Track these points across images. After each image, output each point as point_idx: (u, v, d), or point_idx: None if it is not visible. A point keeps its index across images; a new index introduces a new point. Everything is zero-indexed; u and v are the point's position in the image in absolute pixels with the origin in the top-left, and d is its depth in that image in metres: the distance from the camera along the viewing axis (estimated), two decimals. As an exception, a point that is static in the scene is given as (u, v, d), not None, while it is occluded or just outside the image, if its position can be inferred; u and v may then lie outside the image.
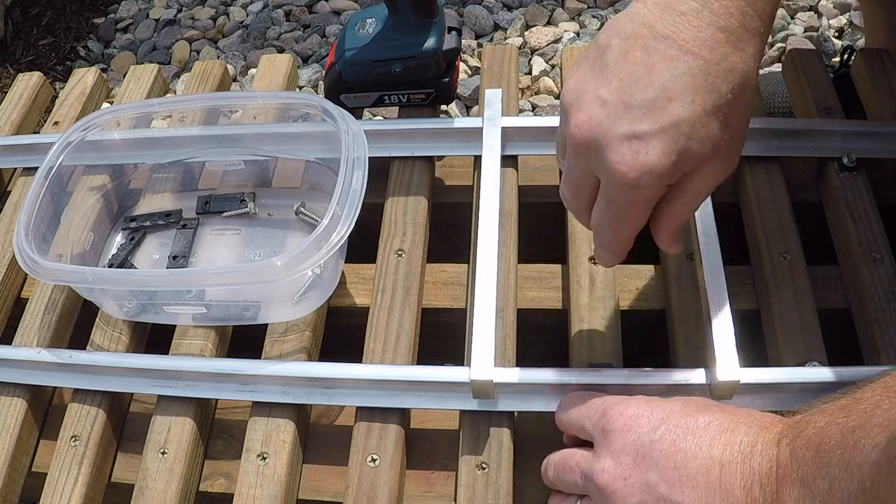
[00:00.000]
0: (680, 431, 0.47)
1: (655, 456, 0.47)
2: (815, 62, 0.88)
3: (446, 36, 0.84)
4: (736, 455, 0.45)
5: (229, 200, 0.83)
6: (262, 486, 0.65)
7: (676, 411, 0.49)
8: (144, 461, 0.67)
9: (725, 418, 0.48)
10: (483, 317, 0.66)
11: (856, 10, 1.39)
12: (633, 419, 0.50)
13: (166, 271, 0.77)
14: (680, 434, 0.47)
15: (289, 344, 0.72)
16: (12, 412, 0.72)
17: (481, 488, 0.63)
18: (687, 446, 0.46)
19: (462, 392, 0.66)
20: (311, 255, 0.63)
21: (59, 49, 1.58)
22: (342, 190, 0.65)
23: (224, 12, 1.59)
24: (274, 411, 0.68)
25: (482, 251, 0.69)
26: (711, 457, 0.45)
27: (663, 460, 0.46)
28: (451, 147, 0.83)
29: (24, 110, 0.98)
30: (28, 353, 0.73)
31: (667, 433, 0.47)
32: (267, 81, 0.96)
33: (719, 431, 0.47)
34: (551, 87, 1.33)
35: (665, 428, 0.48)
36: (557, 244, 0.79)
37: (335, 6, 1.54)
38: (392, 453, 0.65)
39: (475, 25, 1.45)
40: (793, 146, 0.80)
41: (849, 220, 0.75)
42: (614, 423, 0.50)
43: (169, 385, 0.70)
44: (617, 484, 0.47)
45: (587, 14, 1.45)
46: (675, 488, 0.45)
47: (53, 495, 0.67)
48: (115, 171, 0.85)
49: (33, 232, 0.71)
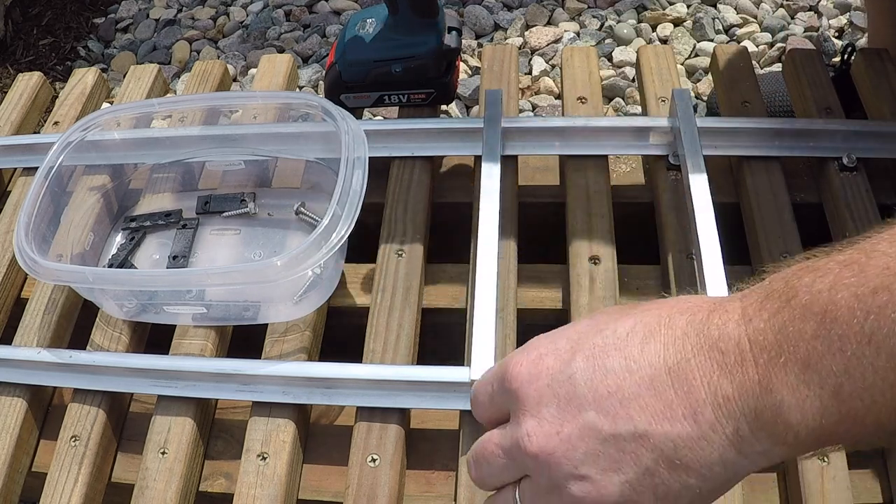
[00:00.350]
0: (599, 352, 0.37)
1: (580, 392, 0.37)
2: (815, 62, 0.88)
3: (446, 36, 0.84)
4: (683, 351, 0.35)
5: (229, 200, 0.83)
6: (262, 486, 0.65)
7: (586, 332, 0.39)
8: (144, 461, 0.67)
9: (651, 316, 0.37)
10: (483, 317, 0.66)
11: (856, 10, 1.39)
12: (536, 363, 0.39)
13: (166, 271, 0.77)
14: (600, 355, 0.37)
15: (289, 344, 0.72)
16: (12, 412, 0.72)
17: (481, 488, 0.63)
18: (615, 365, 0.36)
19: (462, 392, 0.66)
20: (311, 255, 0.63)
21: (59, 49, 1.58)
22: (342, 190, 0.65)
23: (224, 12, 1.59)
24: (274, 411, 0.68)
25: (482, 251, 0.69)
26: (651, 364, 0.35)
27: (592, 392, 0.36)
28: (451, 147, 0.83)
29: (24, 110, 0.98)
30: (28, 353, 0.73)
31: (584, 361, 0.37)
32: (267, 81, 0.96)
33: (649, 333, 0.36)
34: (551, 87, 1.33)
35: (580, 356, 0.38)
36: (557, 244, 0.79)
37: (335, 6, 1.54)
38: (392, 453, 0.65)
39: (475, 25, 1.45)
40: (793, 146, 0.80)
41: (849, 220, 0.75)
42: (518, 378, 0.39)
43: (169, 385, 0.70)
44: (550, 443, 0.37)
45: (587, 14, 1.45)
46: (619, 418, 0.35)
47: (53, 495, 0.67)
48: (115, 171, 0.84)
49: (33, 232, 0.71)
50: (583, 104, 0.87)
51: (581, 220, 0.76)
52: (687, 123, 0.76)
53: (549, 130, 0.81)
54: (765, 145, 0.79)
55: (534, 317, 0.75)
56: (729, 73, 0.89)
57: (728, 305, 0.36)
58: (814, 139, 0.79)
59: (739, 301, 0.35)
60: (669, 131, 0.79)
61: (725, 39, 1.37)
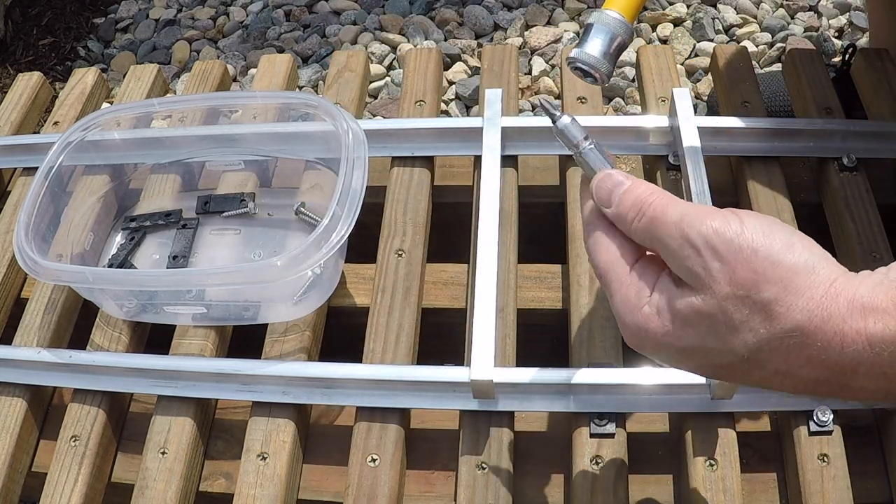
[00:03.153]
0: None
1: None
2: (815, 62, 0.88)
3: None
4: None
5: (229, 200, 0.83)
6: (262, 486, 0.65)
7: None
8: (144, 461, 0.67)
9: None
10: (483, 317, 0.66)
11: (856, 10, 1.39)
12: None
13: (166, 271, 0.77)
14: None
15: (289, 344, 0.72)
16: (12, 412, 0.72)
17: (481, 488, 0.63)
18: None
19: (462, 392, 0.66)
20: (311, 255, 0.63)
21: (59, 49, 1.58)
22: (342, 190, 0.65)
23: (224, 12, 1.59)
24: (274, 411, 0.68)
25: (482, 251, 0.69)
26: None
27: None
28: (451, 147, 0.83)
29: (24, 110, 0.98)
30: (28, 353, 0.73)
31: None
32: (267, 81, 0.96)
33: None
34: (551, 87, 1.33)
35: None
36: (557, 244, 0.79)
37: (335, 6, 1.54)
38: (392, 453, 0.65)
39: (475, 25, 1.45)
40: (793, 146, 0.80)
41: (849, 219, 0.75)
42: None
43: (169, 385, 0.70)
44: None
45: (587, 14, 1.45)
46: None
47: (53, 495, 0.67)
48: (115, 171, 0.84)
49: (33, 232, 0.71)
50: (583, 104, 0.87)
51: (581, 220, 0.76)
52: (687, 123, 0.76)
53: (549, 130, 0.80)
54: (765, 145, 0.79)
55: (534, 317, 0.75)
56: (729, 73, 0.89)
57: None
58: (814, 139, 0.79)
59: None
60: (669, 131, 0.79)
61: (725, 39, 1.37)
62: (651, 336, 0.42)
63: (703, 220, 0.40)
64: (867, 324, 0.36)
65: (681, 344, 0.41)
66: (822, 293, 0.37)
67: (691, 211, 0.40)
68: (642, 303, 0.42)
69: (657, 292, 0.42)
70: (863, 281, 0.38)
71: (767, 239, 0.38)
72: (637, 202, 0.42)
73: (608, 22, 0.49)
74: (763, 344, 0.38)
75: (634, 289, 0.42)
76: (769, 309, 0.38)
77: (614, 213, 0.44)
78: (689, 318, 0.40)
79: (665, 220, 0.41)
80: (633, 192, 0.43)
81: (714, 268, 0.39)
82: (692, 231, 0.39)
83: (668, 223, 0.41)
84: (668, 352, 0.42)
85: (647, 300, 0.42)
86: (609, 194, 0.44)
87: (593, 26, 0.50)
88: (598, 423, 0.64)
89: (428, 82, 0.91)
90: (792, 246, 0.38)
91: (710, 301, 0.39)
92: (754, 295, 0.38)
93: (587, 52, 0.49)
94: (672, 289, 0.41)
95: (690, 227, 0.40)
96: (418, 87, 0.90)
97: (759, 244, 0.38)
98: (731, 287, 0.38)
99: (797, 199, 0.78)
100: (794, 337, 0.38)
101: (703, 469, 0.62)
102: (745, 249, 0.38)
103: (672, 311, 0.41)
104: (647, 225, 0.42)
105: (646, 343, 0.42)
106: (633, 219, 0.42)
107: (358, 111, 0.92)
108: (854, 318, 0.37)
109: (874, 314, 0.36)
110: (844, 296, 0.37)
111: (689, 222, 0.40)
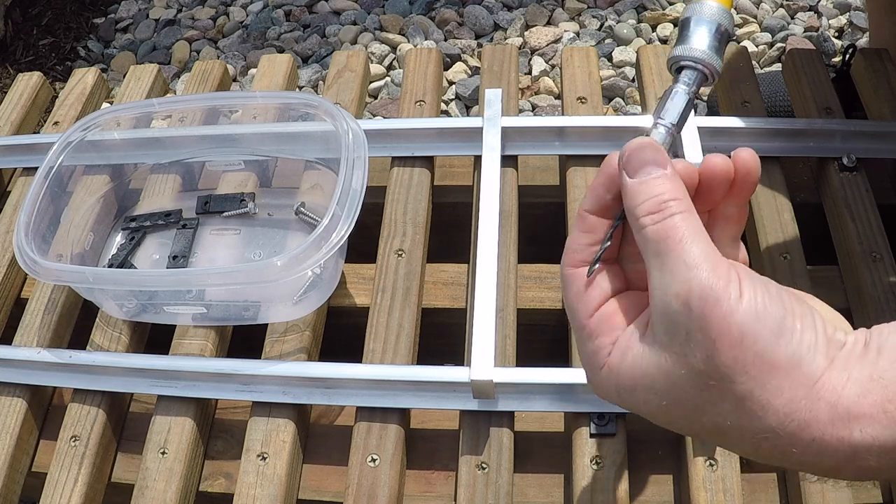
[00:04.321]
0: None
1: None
2: (815, 62, 0.88)
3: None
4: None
5: (229, 200, 0.83)
6: (262, 486, 0.65)
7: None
8: (144, 461, 0.67)
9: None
10: (483, 317, 0.66)
11: (856, 10, 1.39)
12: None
13: (166, 271, 0.77)
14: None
15: (289, 344, 0.72)
16: (12, 412, 0.72)
17: (481, 488, 0.63)
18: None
19: (462, 392, 0.66)
20: (311, 255, 0.63)
21: (59, 49, 1.58)
22: (342, 190, 0.65)
23: (224, 12, 1.59)
24: (274, 411, 0.68)
25: (482, 251, 0.69)
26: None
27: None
28: (451, 147, 0.83)
29: (24, 110, 0.98)
30: (28, 353, 0.73)
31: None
32: (267, 81, 0.96)
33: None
34: (551, 87, 1.33)
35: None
36: (557, 244, 0.78)
37: (335, 6, 1.54)
38: (392, 453, 0.65)
39: (475, 25, 1.45)
40: (793, 146, 0.80)
41: (849, 220, 0.75)
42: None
43: (169, 385, 0.70)
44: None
45: (587, 14, 1.45)
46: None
47: (53, 495, 0.67)
48: (115, 171, 0.84)
49: (33, 232, 0.71)
50: (583, 104, 0.87)
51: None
52: (687, 123, 0.75)
53: (549, 130, 0.81)
54: (765, 145, 0.79)
55: (534, 317, 0.75)
56: (729, 73, 0.89)
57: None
58: (814, 139, 0.79)
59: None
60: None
61: (725, 39, 1.37)
62: (608, 383, 0.38)
63: (709, 277, 0.35)
64: (851, 432, 0.33)
65: (631, 401, 0.38)
66: (802, 395, 0.34)
67: (706, 259, 0.35)
68: (601, 361, 0.38)
69: (617, 348, 0.38)
70: (850, 378, 0.34)
71: (757, 323, 0.34)
72: (663, 200, 0.37)
73: (709, 12, 0.44)
74: (729, 430, 0.35)
75: (593, 343, 0.39)
76: (742, 403, 0.34)
77: (634, 186, 0.38)
78: (651, 380, 0.36)
79: (677, 252, 0.36)
80: (666, 184, 0.37)
81: (694, 339, 0.34)
82: (694, 284, 0.35)
83: (677, 257, 0.35)
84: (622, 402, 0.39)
85: (607, 350, 0.38)
86: (642, 165, 0.39)
87: (691, 20, 0.45)
88: (598, 423, 0.64)
89: (428, 82, 0.91)
90: (781, 333, 0.34)
91: (678, 370, 0.35)
92: (727, 384, 0.34)
93: (693, 48, 0.44)
94: (635, 344, 0.37)
95: (695, 279, 0.35)
96: (418, 87, 0.90)
97: (747, 329, 0.34)
98: (707, 365, 0.34)
99: (797, 199, 0.78)
100: (766, 437, 0.35)
101: (703, 469, 0.62)
102: (734, 332, 0.34)
103: (631, 372, 0.37)
104: (657, 238, 0.36)
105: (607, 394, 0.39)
106: (648, 216, 0.37)
107: (358, 111, 0.92)
108: (836, 426, 0.34)
109: (859, 421, 0.33)
110: (827, 399, 0.34)
111: (696, 274, 0.35)
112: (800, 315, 0.35)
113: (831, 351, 0.35)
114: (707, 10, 0.45)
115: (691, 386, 0.35)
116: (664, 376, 0.36)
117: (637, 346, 0.37)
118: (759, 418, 0.34)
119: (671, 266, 0.35)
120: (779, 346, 0.34)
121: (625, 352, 0.37)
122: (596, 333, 0.38)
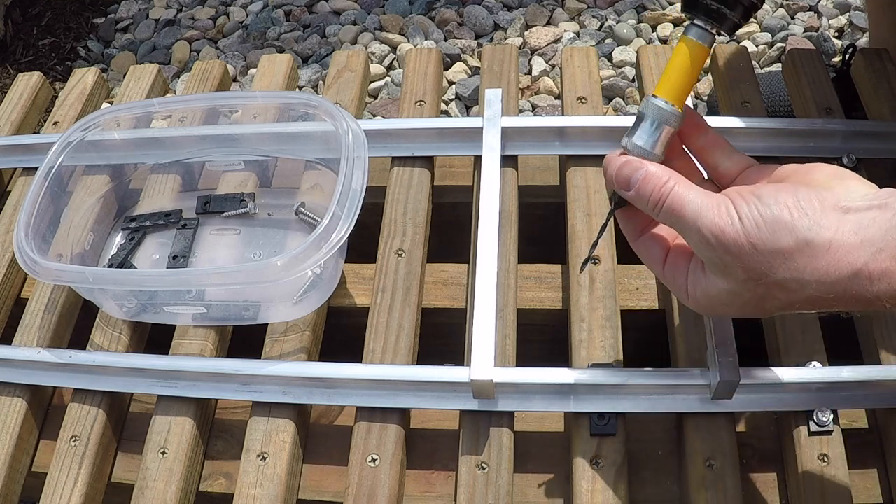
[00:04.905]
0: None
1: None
2: (815, 62, 0.88)
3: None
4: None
5: (229, 200, 0.83)
6: (262, 486, 0.65)
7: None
8: (144, 461, 0.67)
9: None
10: (483, 317, 0.66)
11: (856, 10, 1.39)
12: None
13: (166, 271, 0.77)
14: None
15: (289, 344, 0.72)
16: (12, 412, 0.72)
17: (481, 488, 0.63)
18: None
19: (462, 392, 0.66)
20: (311, 255, 0.63)
21: (59, 49, 1.58)
22: (342, 190, 0.65)
23: (224, 12, 1.59)
24: (274, 411, 0.68)
25: (482, 251, 0.69)
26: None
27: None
28: (451, 147, 0.83)
29: (24, 110, 0.98)
30: (28, 353, 0.73)
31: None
32: (267, 81, 0.96)
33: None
34: (551, 87, 1.33)
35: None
36: (557, 244, 0.79)
37: (335, 6, 1.54)
38: (392, 453, 0.65)
39: (475, 25, 1.45)
40: (793, 146, 0.80)
41: (849, 220, 0.75)
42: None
43: (169, 385, 0.70)
44: None
45: (587, 14, 1.45)
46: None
47: (53, 495, 0.67)
48: (115, 171, 0.84)
49: (33, 232, 0.71)
50: (583, 104, 0.87)
51: (581, 220, 0.76)
52: (687, 123, 0.75)
53: (549, 130, 0.81)
54: (765, 145, 0.79)
55: (534, 317, 0.75)
56: (729, 73, 0.89)
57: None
58: (814, 139, 0.79)
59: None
60: (669, 131, 0.79)
61: (725, 39, 1.37)
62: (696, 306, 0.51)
63: (711, 217, 0.46)
64: (875, 288, 0.44)
65: (718, 312, 0.50)
66: (822, 263, 0.44)
67: (704, 206, 0.47)
68: (685, 294, 0.51)
69: (689, 284, 0.50)
70: (865, 240, 0.43)
71: (759, 230, 0.45)
72: (655, 190, 0.49)
73: (654, 109, 0.51)
74: (789, 305, 0.47)
75: (675, 284, 0.52)
76: (784, 286, 0.45)
77: (633, 195, 0.50)
78: (721, 297, 0.48)
79: (683, 215, 0.47)
80: (651, 180, 0.49)
81: (727, 261, 0.46)
82: (704, 228, 0.46)
83: (685, 218, 0.47)
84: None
85: (684, 287, 0.51)
86: (627, 179, 0.50)
87: (642, 114, 0.52)
88: (598, 422, 0.64)
89: (428, 82, 0.91)
90: (792, 225, 0.44)
91: (733, 285, 0.47)
92: (766, 280, 0.45)
93: (633, 142, 0.52)
94: (700, 278, 0.49)
95: (703, 225, 0.46)
96: (418, 87, 0.90)
97: (754, 238, 0.45)
98: (747, 274, 0.45)
99: (797, 199, 0.78)
100: (810, 294, 0.45)
101: (703, 469, 0.62)
102: (747, 247, 0.45)
103: (706, 297, 0.49)
104: (668, 214, 0.48)
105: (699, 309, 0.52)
106: (654, 206, 0.49)
107: (358, 111, 0.92)
108: (861, 283, 0.44)
109: (880, 281, 0.44)
110: (847, 261, 0.44)
111: (702, 220, 0.46)
112: (792, 206, 0.45)
113: (832, 221, 0.44)
114: (652, 107, 0.52)
115: (747, 290, 0.47)
116: (727, 293, 0.48)
117: (702, 280, 0.49)
118: (801, 292, 0.45)
119: (686, 225, 0.47)
120: (791, 235, 0.44)
121: (695, 285, 0.50)
122: (671, 277, 0.52)
